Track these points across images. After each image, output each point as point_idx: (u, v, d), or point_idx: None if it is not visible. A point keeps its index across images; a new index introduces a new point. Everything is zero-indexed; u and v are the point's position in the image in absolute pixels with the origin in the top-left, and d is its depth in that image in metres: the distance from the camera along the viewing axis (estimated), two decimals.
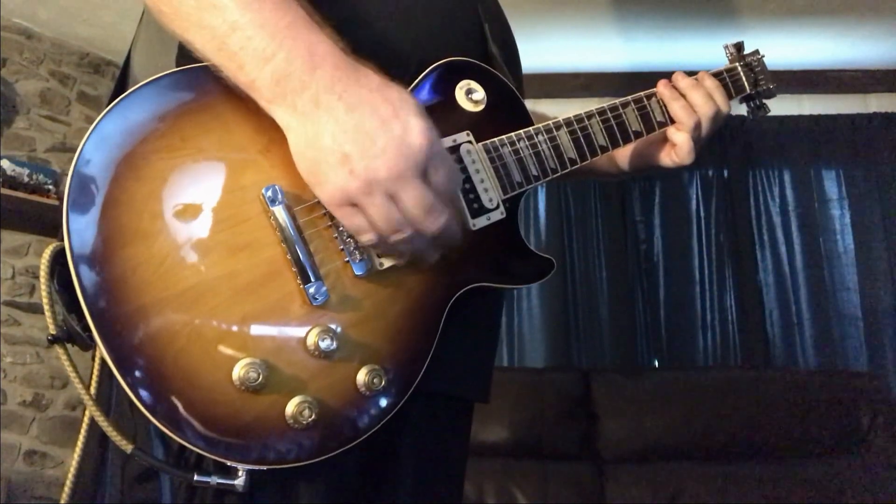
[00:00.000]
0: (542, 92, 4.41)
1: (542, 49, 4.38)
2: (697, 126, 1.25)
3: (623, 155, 1.36)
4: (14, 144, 4.09)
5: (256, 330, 0.80)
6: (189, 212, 0.80)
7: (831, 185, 4.54)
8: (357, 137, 0.77)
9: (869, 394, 3.66)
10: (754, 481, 3.26)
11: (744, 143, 4.59)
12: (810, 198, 4.51)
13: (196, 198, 0.81)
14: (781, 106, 4.51)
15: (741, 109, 1.47)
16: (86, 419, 0.91)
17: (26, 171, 3.93)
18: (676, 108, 1.24)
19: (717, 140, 4.54)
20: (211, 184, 0.82)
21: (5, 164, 3.85)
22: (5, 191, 3.80)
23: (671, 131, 1.25)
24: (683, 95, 1.26)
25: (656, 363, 4.54)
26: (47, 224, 3.95)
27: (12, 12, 4.05)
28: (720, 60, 1.42)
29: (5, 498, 3.76)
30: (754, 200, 4.57)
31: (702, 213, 4.60)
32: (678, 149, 1.25)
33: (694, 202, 4.64)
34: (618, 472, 3.45)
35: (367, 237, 0.83)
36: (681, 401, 3.69)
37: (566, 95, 4.53)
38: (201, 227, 0.80)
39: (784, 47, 4.28)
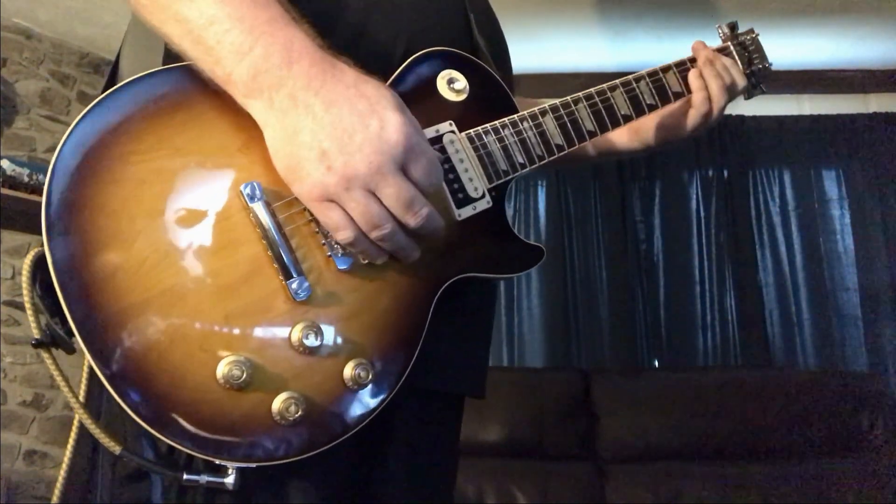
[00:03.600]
0: (542, 92, 4.40)
1: (542, 49, 4.37)
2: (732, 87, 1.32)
3: (646, 129, 1.37)
4: (14, 144, 4.09)
5: (240, 328, 0.80)
6: (167, 212, 0.80)
7: (831, 185, 4.55)
8: (335, 134, 0.77)
9: (869, 394, 3.67)
10: (754, 481, 3.25)
11: (744, 143, 4.59)
12: (810, 198, 4.52)
13: (174, 198, 0.80)
14: (781, 106, 4.53)
15: (739, 108, 1.45)
16: (76, 420, 0.91)
17: (26, 171, 3.94)
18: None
19: (717, 140, 4.55)
20: (189, 183, 0.82)
21: (5, 164, 3.85)
22: (5, 191, 3.80)
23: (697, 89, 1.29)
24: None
25: (656, 363, 4.54)
26: None
27: (12, 12, 4.05)
28: None
29: (5, 498, 3.76)
30: (754, 200, 4.58)
31: (702, 213, 4.61)
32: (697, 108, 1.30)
33: (694, 202, 4.65)
34: (618, 472, 3.45)
35: (343, 234, 0.82)
36: (681, 401, 3.70)
37: (566, 95, 4.52)
38: (181, 227, 0.80)
39: (784, 47, 4.27)
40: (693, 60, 1.31)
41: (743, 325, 4.43)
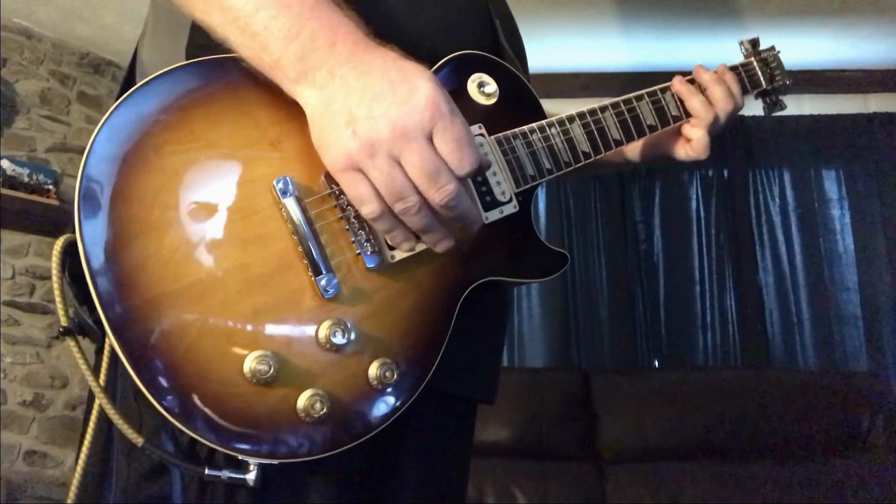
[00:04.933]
0: (542, 92, 4.32)
1: (542, 49, 4.38)
2: (715, 121, 1.25)
3: (634, 147, 1.35)
4: (14, 144, 4.09)
5: (267, 323, 0.80)
6: (200, 204, 0.80)
7: (831, 185, 4.55)
8: (364, 100, 0.77)
9: (869, 394, 3.67)
10: (754, 481, 3.25)
11: (744, 143, 4.59)
12: (810, 198, 4.52)
13: (207, 190, 0.80)
14: None
15: (748, 108, 1.45)
16: (94, 415, 0.90)
17: (26, 171, 3.94)
18: (695, 103, 1.23)
19: (717, 140, 4.50)
20: (222, 176, 0.82)
21: (5, 164, 3.85)
22: (5, 191, 3.81)
23: (687, 128, 1.25)
24: (704, 90, 1.25)
25: (656, 363, 4.54)
26: (47, 224, 3.96)
27: (12, 12, 4.05)
28: (721, 60, 1.40)
29: (5, 498, 3.76)
30: (754, 200, 4.58)
31: (702, 213, 4.61)
32: (695, 143, 1.24)
33: (694, 202, 4.65)
34: (618, 472, 3.45)
35: (368, 208, 0.81)
36: (681, 401, 3.69)
37: (566, 95, 4.53)
38: (212, 220, 0.80)
39: (784, 47, 4.25)
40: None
41: (743, 325, 4.43)
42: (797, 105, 4.61)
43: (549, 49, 4.42)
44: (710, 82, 1.26)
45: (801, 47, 4.36)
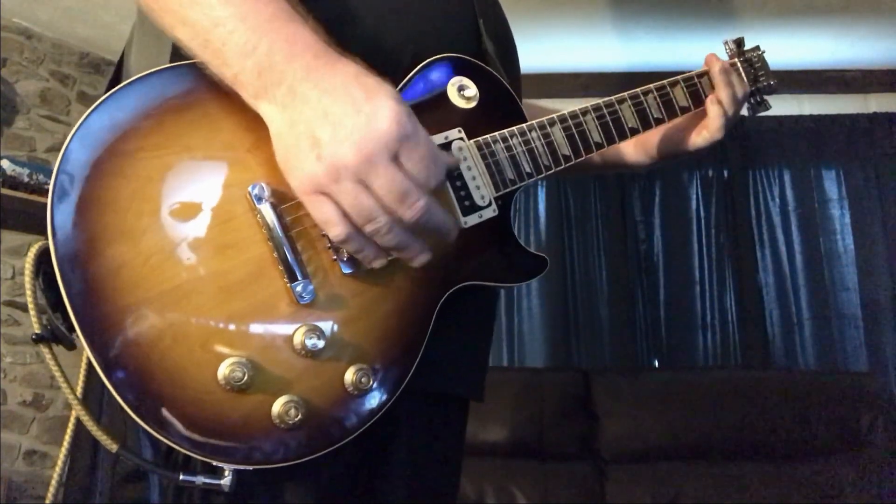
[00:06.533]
0: (542, 92, 4.39)
1: (542, 49, 4.37)
2: (733, 116, 1.29)
3: (651, 143, 1.36)
4: (14, 144, 4.09)
5: (242, 329, 0.80)
6: (174, 210, 0.79)
7: (831, 185, 4.54)
8: (327, 121, 0.76)
9: (869, 394, 3.66)
10: (754, 481, 3.26)
11: (744, 143, 4.58)
12: (810, 198, 4.51)
13: (182, 196, 0.80)
14: (781, 106, 4.51)
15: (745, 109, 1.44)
16: (72, 419, 0.91)
17: (26, 171, 3.94)
18: (725, 94, 1.27)
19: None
20: (197, 182, 0.81)
21: (5, 164, 3.86)
22: (5, 191, 3.81)
23: (712, 106, 1.28)
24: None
25: (656, 363, 4.53)
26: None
27: (12, 12, 4.05)
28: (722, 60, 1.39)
29: (5, 498, 3.76)
30: (754, 200, 4.56)
31: (702, 213, 4.60)
32: (711, 121, 1.27)
33: (694, 202, 4.63)
34: (618, 472, 3.45)
35: (335, 230, 0.79)
36: (681, 401, 3.68)
37: (566, 95, 4.52)
38: (187, 226, 0.79)
39: (784, 47, 4.27)
40: (701, 75, 1.30)
41: (743, 325, 4.41)
42: (797, 105, 4.60)
43: (549, 49, 4.41)
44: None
45: (801, 47, 4.34)
